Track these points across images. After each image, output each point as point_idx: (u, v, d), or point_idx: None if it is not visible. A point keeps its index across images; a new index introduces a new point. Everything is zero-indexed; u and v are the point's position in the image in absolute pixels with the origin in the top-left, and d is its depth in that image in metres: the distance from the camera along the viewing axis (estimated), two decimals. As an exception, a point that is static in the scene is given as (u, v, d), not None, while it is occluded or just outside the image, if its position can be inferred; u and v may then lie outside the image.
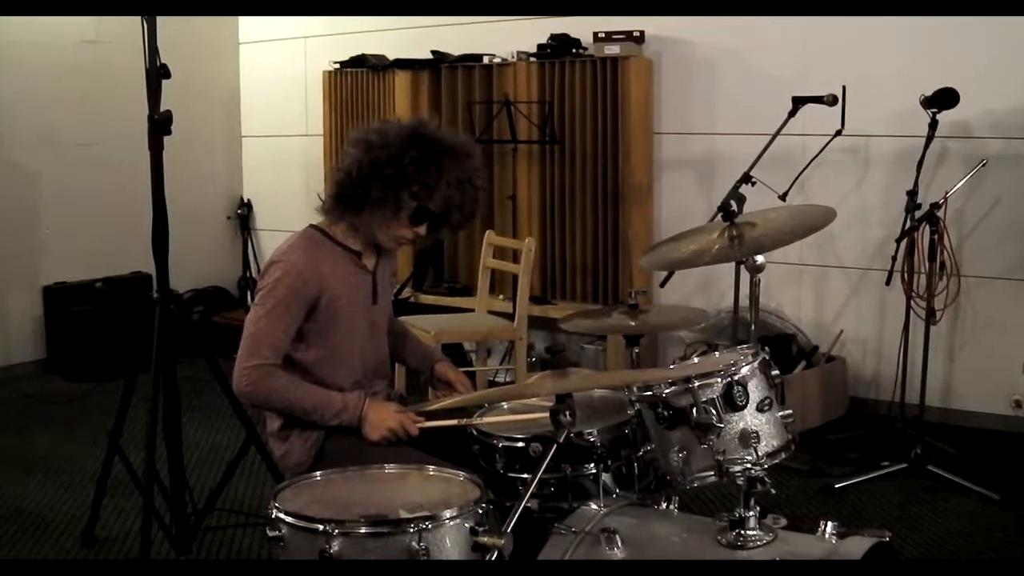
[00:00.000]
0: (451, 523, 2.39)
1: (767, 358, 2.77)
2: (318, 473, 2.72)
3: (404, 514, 2.39)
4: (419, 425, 3.13)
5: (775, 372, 2.78)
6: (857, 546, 2.43)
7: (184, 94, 4.17)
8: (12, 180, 6.66)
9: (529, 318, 5.49)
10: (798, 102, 5.02)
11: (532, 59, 6.26)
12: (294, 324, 3.12)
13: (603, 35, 5.99)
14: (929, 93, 4.92)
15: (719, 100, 6.04)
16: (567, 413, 2.57)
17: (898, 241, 4.95)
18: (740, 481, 2.60)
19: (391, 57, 6.82)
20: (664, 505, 2.75)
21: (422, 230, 3.19)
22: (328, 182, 3.25)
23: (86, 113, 6.93)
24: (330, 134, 7.08)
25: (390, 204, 3.11)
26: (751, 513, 2.54)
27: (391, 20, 6.89)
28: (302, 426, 3.18)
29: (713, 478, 2.66)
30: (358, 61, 6.90)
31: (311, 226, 3.27)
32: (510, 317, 5.47)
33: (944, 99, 4.90)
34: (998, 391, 5.40)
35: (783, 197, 5.05)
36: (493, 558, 2.37)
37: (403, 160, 3.07)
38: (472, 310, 5.82)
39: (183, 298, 7.13)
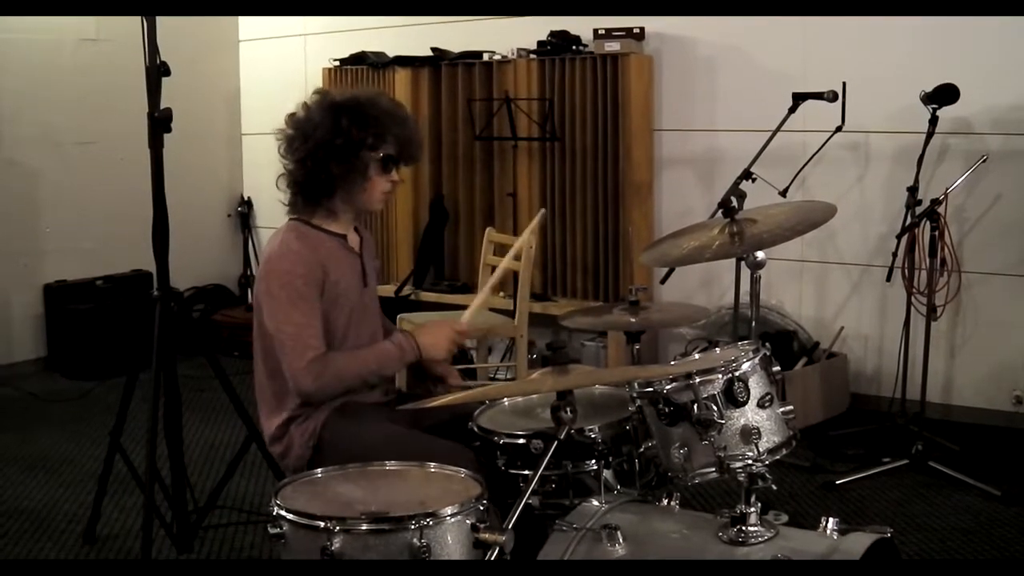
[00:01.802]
0: (452, 520, 2.39)
1: (768, 354, 2.77)
2: (319, 471, 2.72)
3: (405, 511, 2.39)
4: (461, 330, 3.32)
5: (776, 368, 2.78)
6: (858, 543, 2.42)
7: (184, 92, 4.18)
8: (12, 178, 6.66)
9: (530, 315, 5.49)
10: (798, 98, 5.01)
11: (532, 56, 6.26)
12: (320, 310, 3.14)
13: (603, 32, 5.98)
14: (929, 89, 4.93)
15: (719, 97, 6.04)
16: (568, 409, 2.57)
17: (899, 237, 4.95)
18: (741, 477, 2.59)
19: (391, 54, 6.81)
20: (665, 501, 2.75)
21: (395, 176, 3.27)
22: (284, 186, 3.29)
23: (86, 111, 6.93)
24: (330, 132, 7.06)
25: (358, 170, 3.19)
26: (752, 509, 2.54)
27: (391, 17, 6.89)
28: (299, 420, 3.19)
29: (714, 474, 2.65)
30: (358, 59, 6.90)
31: (291, 219, 3.29)
32: (511, 314, 5.47)
33: (944, 95, 4.91)
34: (999, 387, 5.39)
35: (783, 193, 5.04)
36: (494, 555, 2.37)
37: (343, 127, 3.16)
38: (473, 307, 5.82)
39: (184, 296, 7.21)
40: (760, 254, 3.22)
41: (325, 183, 3.20)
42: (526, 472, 2.88)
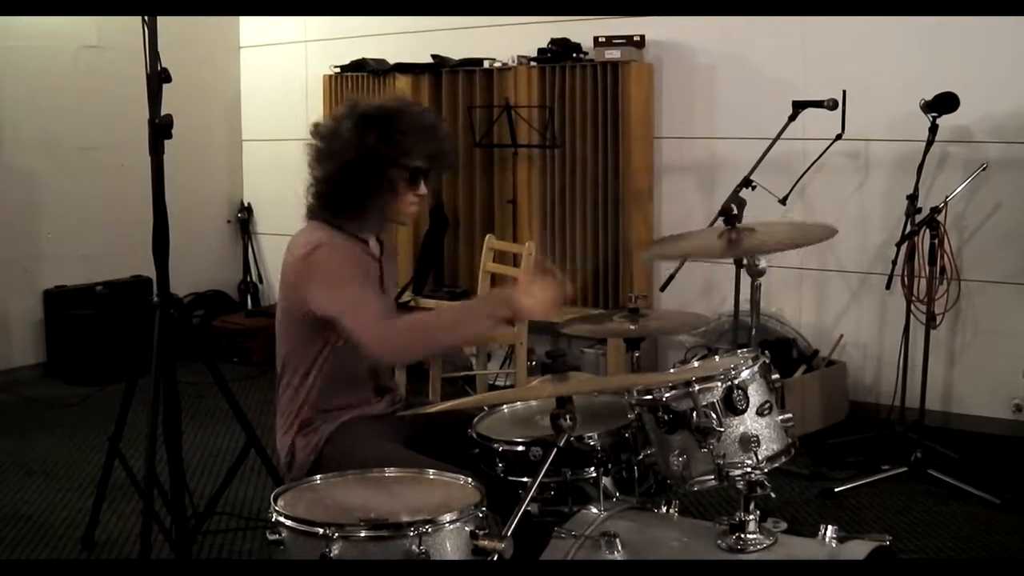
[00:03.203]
0: (451, 527, 2.39)
1: (767, 362, 2.77)
2: (318, 477, 2.72)
3: (404, 518, 2.39)
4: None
5: (775, 376, 2.78)
6: (857, 550, 2.43)
7: (185, 98, 4.17)
8: (13, 184, 6.67)
9: (529, 322, 5.49)
10: (798, 106, 5.02)
11: (533, 63, 6.26)
12: (369, 281, 3.13)
13: (603, 39, 5.99)
14: (929, 97, 4.93)
15: (719, 104, 6.04)
16: (567, 417, 2.57)
17: (898, 245, 4.96)
18: (740, 485, 2.60)
19: (392, 61, 6.82)
20: (664, 509, 2.75)
21: (422, 189, 3.21)
22: (307, 195, 3.23)
23: (87, 117, 6.93)
24: (331, 138, 7.07)
25: (386, 187, 3.14)
26: (751, 517, 2.54)
27: (392, 24, 6.89)
28: (304, 431, 3.19)
29: (713, 482, 2.66)
30: (359, 65, 6.90)
31: (312, 220, 3.26)
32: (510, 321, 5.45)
33: (944, 103, 4.91)
34: (998, 395, 5.39)
35: (783, 201, 5.06)
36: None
37: (369, 144, 3.10)
38: (472, 314, 5.81)
39: (183, 302, 7.18)
40: (761, 262, 3.22)
41: (355, 200, 3.15)
42: (525, 479, 2.88)
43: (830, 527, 2.52)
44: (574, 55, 6.15)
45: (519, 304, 2.91)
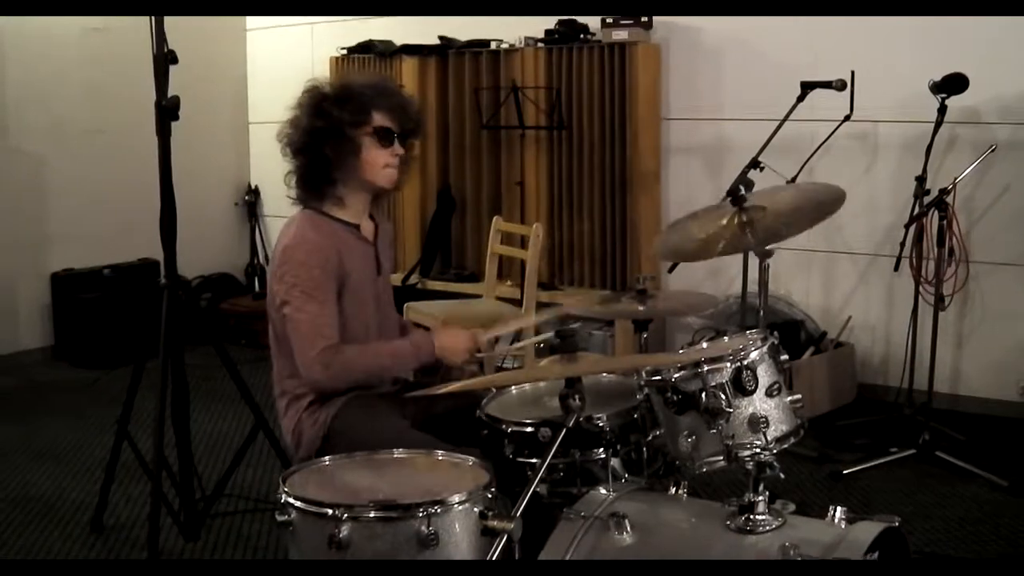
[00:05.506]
0: (460, 508, 2.39)
1: (776, 343, 2.77)
2: (327, 458, 2.72)
3: (413, 499, 2.39)
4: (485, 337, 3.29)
5: (784, 357, 2.77)
6: (866, 532, 2.41)
7: (191, 80, 4.18)
8: (20, 167, 6.67)
9: (537, 304, 5.49)
10: (807, 87, 5.01)
11: (540, 45, 6.25)
12: (336, 301, 3.15)
13: (611, 21, 5.97)
14: (938, 78, 4.92)
15: (727, 85, 6.03)
16: (576, 398, 2.57)
17: (907, 227, 4.94)
18: (749, 466, 2.59)
19: (398, 43, 6.81)
20: (673, 490, 2.75)
21: (397, 148, 3.25)
22: (292, 182, 3.33)
23: (94, 100, 6.93)
24: (337, 121, 7.06)
25: (348, 149, 3.19)
26: (760, 498, 2.53)
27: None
28: (311, 409, 3.19)
29: (722, 463, 2.66)
30: (365, 47, 6.89)
31: (304, 208, 3.29)
32: (518, 303, 5.47)
33: (953, 84, 4.89)
34: (1006, 377, 5.38)
35: (791, 182, 5.04)
36: (502, 542, 2.37)
37: (324, 109, 3.19)
38: (480, 296, 5.82)
39: (191, 285, 7.22)
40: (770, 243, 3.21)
41: (322, 169, 3.22)
42: (534, 460, 2.89)
43: (839, 508, 2.51)
44: (581, 36, 6.13)
45: (441, 354, 3.18)
